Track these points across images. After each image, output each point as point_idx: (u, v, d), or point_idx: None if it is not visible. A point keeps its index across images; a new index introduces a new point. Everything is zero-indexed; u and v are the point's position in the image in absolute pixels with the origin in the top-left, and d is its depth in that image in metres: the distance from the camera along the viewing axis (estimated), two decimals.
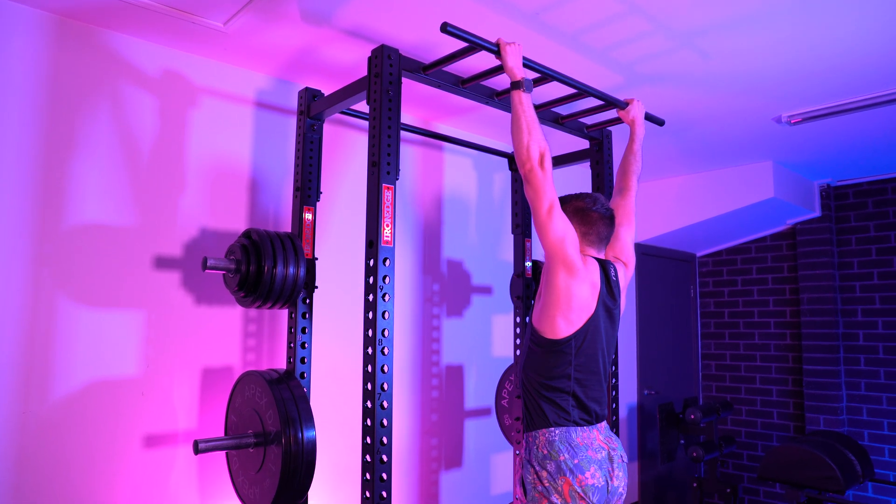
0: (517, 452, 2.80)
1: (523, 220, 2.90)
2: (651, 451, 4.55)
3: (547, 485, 1.80)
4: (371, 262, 1.78)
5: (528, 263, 2.87)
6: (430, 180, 3.23)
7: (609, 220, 1.94)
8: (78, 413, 2.05)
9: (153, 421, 2.22)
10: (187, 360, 2.32)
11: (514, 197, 2.92)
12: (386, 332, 1.76)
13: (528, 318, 1.96)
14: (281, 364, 2.55)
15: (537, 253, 3.07)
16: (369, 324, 1.77)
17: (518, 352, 2.79)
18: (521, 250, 2.88)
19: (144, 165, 2.26)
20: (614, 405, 2.57)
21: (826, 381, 4.26)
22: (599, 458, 1.83)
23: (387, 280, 1.77)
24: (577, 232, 1.88)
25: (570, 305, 1.79)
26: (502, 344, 3.51)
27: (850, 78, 2.61)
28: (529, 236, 2.90)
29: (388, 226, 1.79)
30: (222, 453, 2.29)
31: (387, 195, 1.80)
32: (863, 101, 2.83)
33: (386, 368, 1.75)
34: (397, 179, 1.83)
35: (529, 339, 1.91)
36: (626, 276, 2.01)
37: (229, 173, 2.49)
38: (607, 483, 1.84)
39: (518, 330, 2.81)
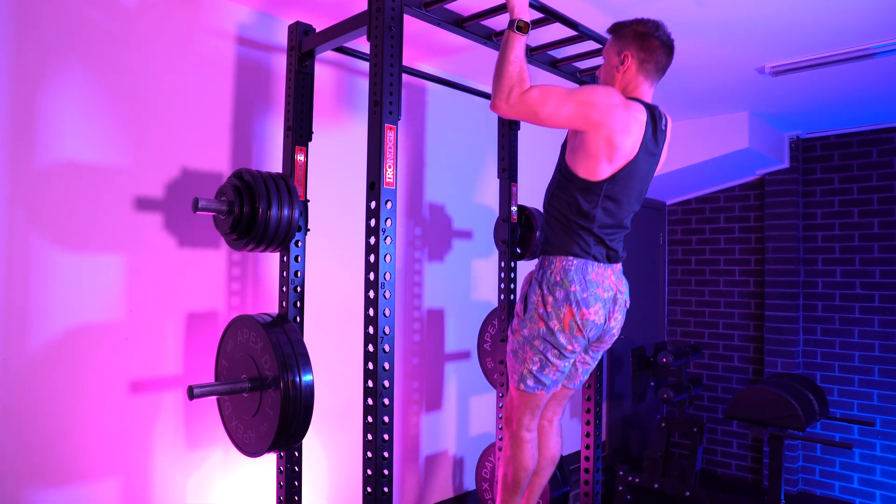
0: (501, 388, 2.85)
1: (509, 164, 2.87)
2: (619, 393, 4.71)
3: (550, 310, 1.86)
4: (373, 205, 1.74)
5: (514, 208, 2.86)
6: (413, 122, 3.16)
7: (670, 49, 1.87)
8: (59, 360, 1.98)
9: (138, 367, 2.17)
10: (171, 304, 2.26)
11: (501, 141, 2.88)
12: (388, 276, 1.73)
13: (561, 146, 2.01)
14: (266, 308, 2.51)
15: (523, 198, 3.06)
16: (371, 267, 1.73)
17: (502, 291, 2.81)
18: (506, 195, 2.86)
19: (122, 103, 2.13)
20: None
21: (785, 326, 4.45)
22: (606, 297, 1.89)
23: (389, 222, 1.74)
24: (635, 59, 1.84)
25: (607, 155, 1.78)
26: (482, 288, 3.53)
27: (832, 31, 2.63)
28: (515, 181, 2.87)
29: (390, 167, 1.75)
30: (211, 399, 2.26)
31: (389, 136, 1.75)
32: (843, 55, 2.86)
33: (388, 312, 1.73)
34: (399, 119, 1.77)
35: (560, 172, 1.90)
36: (669, 140, 2.03)
37: (210, 112, 2.37)
38: (605, 322, 1.92)
39: (503, 275, 2.82)
